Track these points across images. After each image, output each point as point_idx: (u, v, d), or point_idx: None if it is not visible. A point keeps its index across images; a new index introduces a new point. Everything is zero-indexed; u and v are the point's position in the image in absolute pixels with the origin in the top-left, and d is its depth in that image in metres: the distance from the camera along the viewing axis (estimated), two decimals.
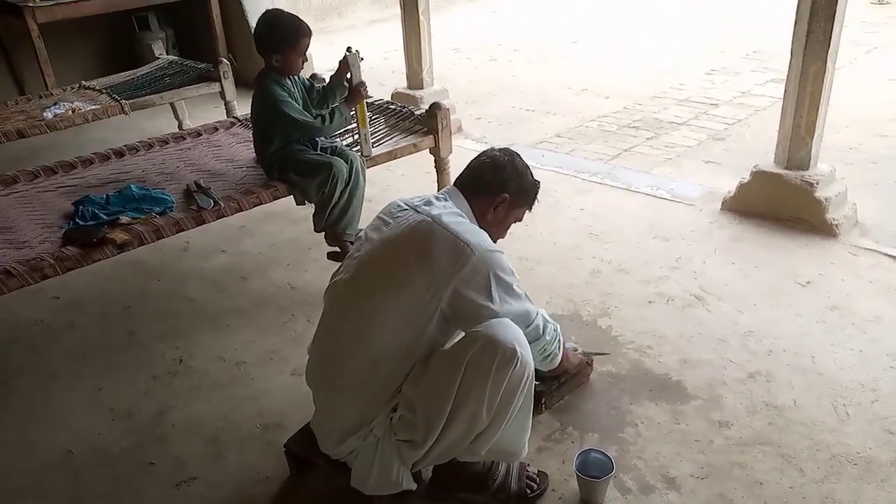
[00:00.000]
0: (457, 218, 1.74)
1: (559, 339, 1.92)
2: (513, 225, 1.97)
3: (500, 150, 1.92)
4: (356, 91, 2.82)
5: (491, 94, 5.60)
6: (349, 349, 1.70)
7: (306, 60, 2.74)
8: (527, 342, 1.67)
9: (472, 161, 1.92)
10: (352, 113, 2.85)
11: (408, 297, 1.66)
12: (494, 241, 1.78)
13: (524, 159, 1.93)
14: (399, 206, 1.82)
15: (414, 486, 1.78)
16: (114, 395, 2.40)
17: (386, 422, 1.73)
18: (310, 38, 2.70)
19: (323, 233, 2.89)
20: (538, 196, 1.97)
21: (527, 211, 1.97)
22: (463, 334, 1.71)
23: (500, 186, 1.85)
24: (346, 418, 1.73)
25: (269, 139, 2.76)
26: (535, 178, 1.95)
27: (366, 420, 1.73)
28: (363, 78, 2.82)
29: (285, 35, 2.65)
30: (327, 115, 2.73)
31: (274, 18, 2.68)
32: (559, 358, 1.95)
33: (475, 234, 1.70)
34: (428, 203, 1.78)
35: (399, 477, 1.73)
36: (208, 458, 2.10)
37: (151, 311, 2.87)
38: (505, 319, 1.66)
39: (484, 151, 1.93)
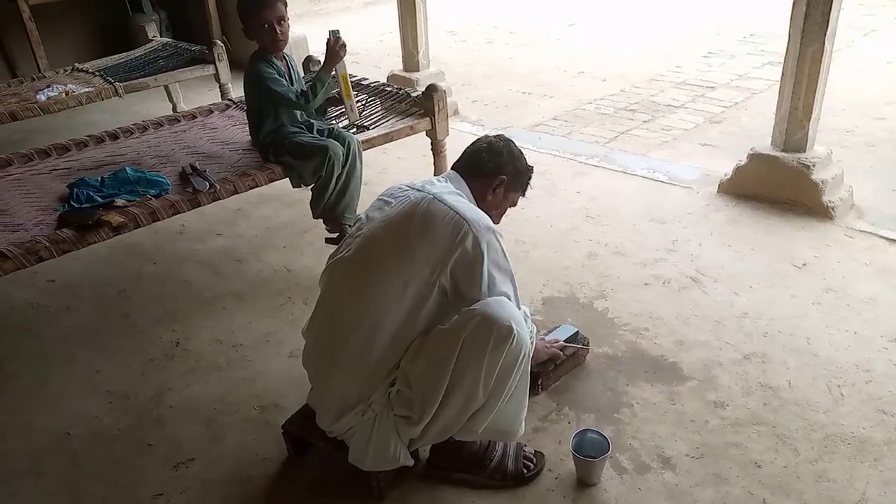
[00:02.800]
0: (456, 197, 1.77)
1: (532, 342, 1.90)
2: (509, 209, 2.03)
3: (495, 136, 2.00)
4: (331, 51, 2.67)
5: (487, 77, 5.57)
6: (351, 325, 1.71)
7: (282, 32, 2.63)
8: (523, 320, 1.68)
9: (468, 147, 1.98)
10: (333, 74, 2.71)
11: (410, 272, 1.67)
12: None
13: (518, 145, 2.01)
14: (400, 187, 1.86)
15: (412, 462, 1.79)
16: (110, 377, 2.40)
17: (384, 397, 1.74)
18: (272, 7, 2.59)
19: (321, 218, 2.88)
20: (532, 181, 2.04)
21: (521, 195, 2.03)
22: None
23: (497, 169, 1.91)
24: (344, 394, 1.74)
25: (261, 120, 2.73)
26: (529, 163, 2.02)
27: (364, 396, 1.74)
28: (346, 61, 2.74)
29: (246, 9, 2.61)
30: (309, 90, 2.66)
31: None
32: None
33: (474, 212, 1.74)
34: (429, 183, 1.83)
35: (396, 453, 1.74)
36: (206, 440, 2.11)
37: (147, 294, 2.87)
38: (502, 298, 1.68)
39: (479, 138, 2.00)
